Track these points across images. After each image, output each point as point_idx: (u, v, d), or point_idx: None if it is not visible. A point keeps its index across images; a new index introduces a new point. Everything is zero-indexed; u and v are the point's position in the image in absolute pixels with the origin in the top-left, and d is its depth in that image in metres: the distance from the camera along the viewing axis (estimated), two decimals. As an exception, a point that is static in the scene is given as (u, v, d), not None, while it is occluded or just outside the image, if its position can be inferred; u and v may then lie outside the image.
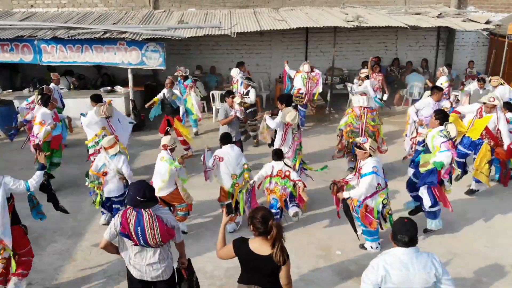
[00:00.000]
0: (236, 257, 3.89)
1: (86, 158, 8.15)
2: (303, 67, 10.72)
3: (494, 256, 6.17)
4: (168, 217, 4.24)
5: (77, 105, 10.41)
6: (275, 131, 7.63)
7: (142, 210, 4.07)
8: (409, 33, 13.37)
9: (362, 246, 6.37)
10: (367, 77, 10.30)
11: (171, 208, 6.49)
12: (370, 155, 5.91)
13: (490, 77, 9.94)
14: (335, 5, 13.56)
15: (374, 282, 3.51)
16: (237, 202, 6.70)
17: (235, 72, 10.67)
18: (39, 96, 8.27)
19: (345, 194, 6.03)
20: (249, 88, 9.74)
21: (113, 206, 6.70)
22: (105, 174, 6.44)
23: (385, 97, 11.28)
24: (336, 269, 5.98)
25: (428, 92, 11.06)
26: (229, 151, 6.63)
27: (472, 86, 10.38)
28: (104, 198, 6.64)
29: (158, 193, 6.08)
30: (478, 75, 13.08)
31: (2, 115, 10.93)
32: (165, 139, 6.51)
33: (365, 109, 8.02)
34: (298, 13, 12.69)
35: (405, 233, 3.50)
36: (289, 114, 7.07)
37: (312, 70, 10.77)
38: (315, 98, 11.04)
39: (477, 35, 14.06)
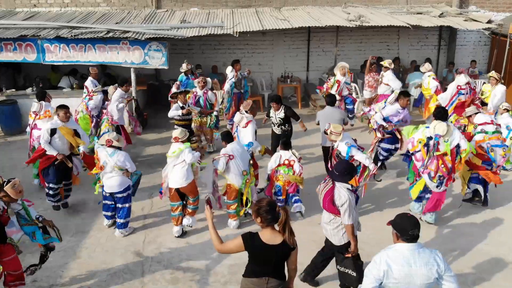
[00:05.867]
0: (237, 253, 3.93)
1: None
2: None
3: (495, 254, 6.20)
4: (341, 197, 4.77)
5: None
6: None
7: (329, 178, 5.01)
8: (411, 33, 13.40)
9: None
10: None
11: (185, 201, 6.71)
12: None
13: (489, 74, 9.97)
14: (337, 4, 13.59)
15: (376, 276, 3.54)
16: (246, 199, 6.81)
17: (228, 70, 10.94)
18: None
19: (371, 167, 6.57)
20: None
21: (117, 205, 6.67)
22: (102, 167, 6.47)
23: None
24: (338, 266, 6.01)
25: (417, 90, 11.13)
26: (236, 147, 6.68)
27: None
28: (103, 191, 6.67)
29: (179, 185, 6.43)
30: (479, 74, 13.17)
31: (6, 115, 11.01)
32: (177, 132, 6.60)
33: None
34: (300, 12, 12.72)
35: (415, 227, 3.53)
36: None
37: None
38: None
39: (479, 34, 14.08)
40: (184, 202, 6.73)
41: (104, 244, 6.55)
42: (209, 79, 9.86)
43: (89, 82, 9.90)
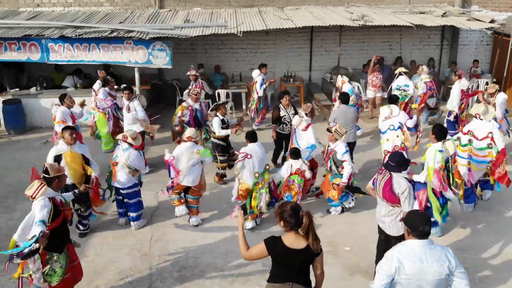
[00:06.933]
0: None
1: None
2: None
3: (501, 252, 6.23)
4: (401, 185, 4.90)
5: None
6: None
7: (385, 170, 5.06)
8: (413, 32, 13.42)
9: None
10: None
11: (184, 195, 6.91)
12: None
13: (487, 86, 9.93)
14: (340, 4, 13.61)
15: (388, 273, 3.55)
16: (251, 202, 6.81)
17: (255, 74, 10.95)
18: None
19: (344, 180, 6.75)
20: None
21: (126, 200, 6.76)
22: (115, 164, 6.54)
23: (385, 95, 11.35)
24: (344, 264, 6.04)
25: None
26: (256, 149, 6.75)
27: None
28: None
29: (193, 184, 6.68)
30: (482, 74, 13.19)
31: (10, 114, 11.02)
32: (191, 132, 6.84)
33: None
34: (303, 12, 12.75)
35: (426, 224, 3.56)
36: None
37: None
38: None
39: (481, 34, 14.11)
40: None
41: (111, 242, 6.57)
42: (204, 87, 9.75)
43: (97, 85, 9.94)
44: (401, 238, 5.05)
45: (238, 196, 6.83)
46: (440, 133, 6.27)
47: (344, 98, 8.50)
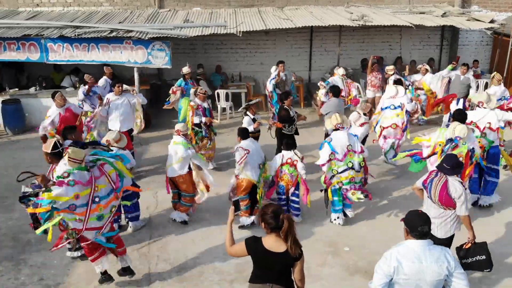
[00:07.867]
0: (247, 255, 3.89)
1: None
2: (337, 71, 10.60)
3: (501, 253, 6.20)
4: (457, 190, 4.85)
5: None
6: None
7: (440, 173, 4.99)
8: (413, 32, 13.41)
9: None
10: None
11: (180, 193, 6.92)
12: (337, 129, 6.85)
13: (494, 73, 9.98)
14: (339, 4, 13.61)
15: (386, 272, 3.53)
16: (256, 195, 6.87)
17: (272, 70, 10.95)
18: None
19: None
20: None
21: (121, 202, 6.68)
22: None
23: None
24: (344, 265, 6.03)
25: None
26: (251, 144, 6.80)
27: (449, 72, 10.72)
28: None
29: (169, 174, 6.73)
30: (482, 74, 13.18)
31: (9, 114, 11.02)
32: (179, 125, 6.96)
33: None
34: (303, 12, 12.75)
35: (425, 224, 3.54)
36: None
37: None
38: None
39: (481, 34, 14.10)
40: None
41: (110, 242, 6.55)
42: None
43: (103, 81, 9.97)
44: (446, 241, 5.09)
45: (235, 191, 6.86)
46: (459, 117, 6.50)
47: (335, 90, 8.69)
